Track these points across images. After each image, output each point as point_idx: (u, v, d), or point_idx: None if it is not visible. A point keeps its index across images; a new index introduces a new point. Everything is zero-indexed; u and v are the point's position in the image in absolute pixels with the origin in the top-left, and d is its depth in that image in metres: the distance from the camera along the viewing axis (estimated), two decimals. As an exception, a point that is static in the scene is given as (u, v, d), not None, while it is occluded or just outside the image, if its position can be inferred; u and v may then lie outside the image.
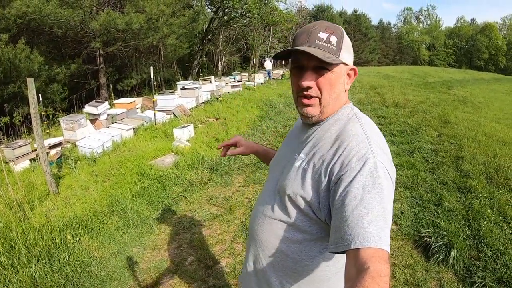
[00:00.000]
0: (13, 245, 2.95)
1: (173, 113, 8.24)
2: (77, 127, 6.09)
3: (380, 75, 19.38)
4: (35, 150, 5.33)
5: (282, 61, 28.58)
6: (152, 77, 7.76)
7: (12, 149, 5.17)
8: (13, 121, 8.85)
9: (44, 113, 8.11)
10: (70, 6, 10.42)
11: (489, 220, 3.33)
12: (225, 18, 19.12)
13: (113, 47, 12.98)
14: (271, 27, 23.66)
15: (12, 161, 5.20)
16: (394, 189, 0.91)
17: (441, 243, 2.89)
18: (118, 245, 3.25)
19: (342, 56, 0.95)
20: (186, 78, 17.20)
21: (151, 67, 7.72)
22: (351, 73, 1.02)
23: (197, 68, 19.96)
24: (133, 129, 6.96)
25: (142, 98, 10.06)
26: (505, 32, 59.23)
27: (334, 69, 0.95)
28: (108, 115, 7.37)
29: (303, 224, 0.99)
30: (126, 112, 7.69)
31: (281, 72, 19.32)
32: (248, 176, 4.77)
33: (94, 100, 7.83)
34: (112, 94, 12.16)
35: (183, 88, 9.69)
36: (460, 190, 4.08)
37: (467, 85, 16.44)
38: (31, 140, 5.76)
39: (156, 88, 13.83)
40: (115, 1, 13.40)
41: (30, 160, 5.43)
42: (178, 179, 4.60)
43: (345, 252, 0.79)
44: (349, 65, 1.00)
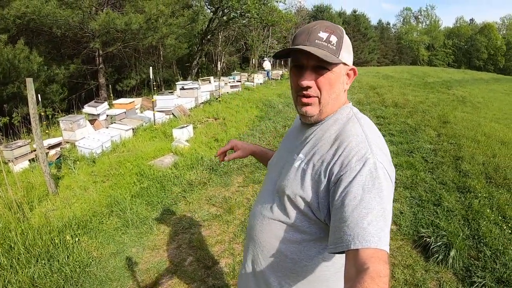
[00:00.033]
0: (12, 246, 2.95)
1: (173, 114, 8.24)
2: (76, 128, 6.09)
3: (379, 75, 19.38)
4: (34, 151, 5.33)
5: (282, 61, 28.61)
6: (151, 78, 7.76)
7: (11, 150, 5.16)
8: (12, 122, 8.81)
9: (43, 114, 8.10)
10: (69, 6, 10.40)
11: (489, 220, 3.34)
12: (225, 18, 19.10)
13: (112, 47, 12.97)
14: (270, 27, 23.64)
15: (11, 162, 5.19)
16: (394, 189, 0.91)
17: (441, 243, 2.89)
18: (117, 246, 3.25)
19: (342, 56, 0.95)
20: (186, 79, 17.19)
21: (150, 68, 7.72)
22: (351, 73, 1.02)
23: (197, 69, 19.94)
24: (132, 130, 6.95)
25: (142, 99, 10.05)
26: (504, 32, 59.29)
27: (334, 69, 0.95)
28: (107, 116, 7.37)
29: (302, 225, 0.99)
30: (126, 113, 7.68)
31: (280, 72, 19.30)
32: (247, 177, 4.77)
33: (93, 101, 7.82)
34: (111, 95, 12.14)
35: (183, 89, 9.69)
36: (460, 190, 4.08)
37: (466, 85, 16.45)
38: (30, 141, 5.75)
39: (156, 89, 13.82)
40: (114, 1, 13.39)
41: (29, 161, 5.43)
42: (178, 180, 4.60)
43: (345, 252, 0.79)
44: (349, 65, 1.00)
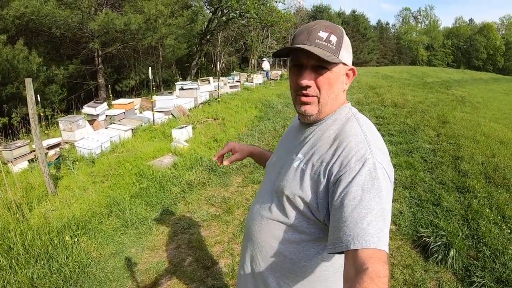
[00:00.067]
0: (12, 246, 2.94)
1: (172, 114, 8.24)
2: (76, 128, 6.08)
3: (379, 75, 19.37)
4: (34, 151, 5.33)
5: (281, 62, 28.65)
6: (151, 78, 7.75)
7: (11, 150, 5.16)
8: (12, 122, 8.82)
9: (43, 114, 8.10)
10: (69, 7, 10.40)
11: (488, 220, 3.33)
12: (224, 19, 19.11)
13: (112, 48, 12.97)
14: (270, 28, 23.67)
15: (11, 162, 5.19)
16: (393, 189, 0.91)
17: (440, 243, 2.89)
18: (117, 246, 3.24)
19: (342, 56, 0.95)
20: (185, 79, 17.19)
21: (150, 68, 7.73)
22: (350, 73, 1.02)
23: (196, 69, 19.94)
24: (132, 130, 6.95)
25: (141, 99, 10.07)
26: (503, 32, 59.42)
27: (334, 69, 0.95)
28: (107, 116, 7.37)
29: (301, 225, 0.99)
30: (125, 113, 7.68)
31: (280, 73, 19.32)
32: (247, 177, 4.76)
33: (93, 101, 7.82)
34: (111, 95, 12.14)
35: (182, 89, 9.69)
36: (459, 190, 4.08)
37: (466, 85, 16.46)
38: (30, 141, 5.75)
39: (155, 89, 13.78)
40: (114, 2, 13.38)
41: (29, 161, 5.42)
42: (177, 180, 4.59)
43: (344, 253, 0.78)
44: (348, 65, 1.00)
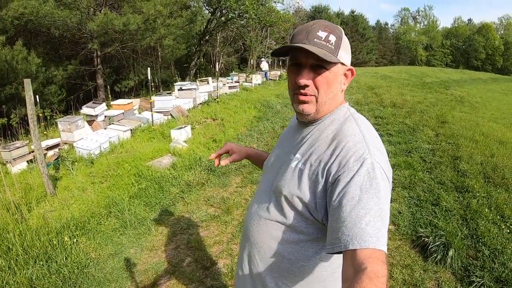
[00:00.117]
0: (11, 247, 2.94)
1: (171, 114, 8.23)
2: (75, 128, 6.08)
3: (378, 76, 19.40)
4: (33, 152, 5.32)
5: (280, 62, 28.65)
6: (150, 78, 7.75)
7: (10, 151, 5.15)
8: (11, 123, 8.81)
9: (42, 115, 8.09)
10: (67, 7, 10.41)
11: (487, 220, 3.34)
12: (223, 19, 19.11)
13: (111, 48, 12.98)
14: (269, 28, 23.69)
15: (10, 163, 5.18)
16: (391, 189, 0.90)
17: (439, 243, 2.89)
18: (116, 247, 3.24)
19: (340, 56, 0.95)
20: (184, 79, 17.19)
21: (148, 68, 7.73)
22: (348, 74, 1.02)
23: (195, 69, 19.94)
24: (131, 130, 6.94)
25: (140, 99, 10.06)
26: (502, 32, 59.53)
27: (332, 68, 0.94)
28: (106, 116, 7.36)
29: (299, 225, 0.99)
30: (124, 113, 7.68)
31: (279, 73, 19.31)
32: (246, 177, 4.76)
33: (92, 101, 7.81)
34: (110, 95, 12.15)
35: (181, 89, 9.68)
36: (458, 190, 4.09)
37: (465, 85, 16.49)
38: (29, 142, 5.74)
39: (154, 89, 13.80)
40: (113, 2, 13.39)
41: (28, 162, 5.41)
42: (176, 180, 4.59)
43: (342, 253, 0.78)
44: (347, 65, 1.00)
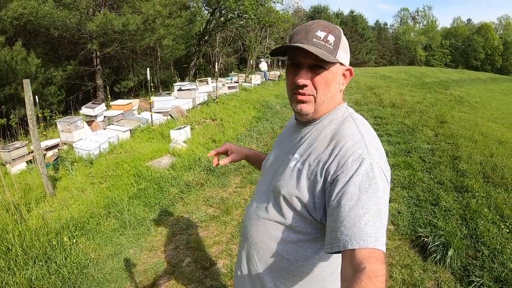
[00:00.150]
0: (10, 248, 2.94)
1: (170, 115, 8.23)
2: (74, 129, 6.08)
3: (377, 76, 19.40)
4: (32, 152, 5.31)
5: (279, 62, 28.65)
6: (149, 79, 7.75)
7: (9, 151, 5.15)
8: (10, 123, 8.82)
9: (41, 115, 8.09)
10: (67, 7, 10.42)
11: (486, 219, 3.34)
12: (222, 19, 19.13)
13: (110, 49, 12.98)
14: (268, 28, 23.70)
15: (9, 163, 5.17)
16: (390, 189, 0.90)
17: (438, 243, 2.89)
18: (115, 247, 3.24)
19: (339, 56, 0.95)
20: (183, 80, 17.20)
21: (148, 69, 7.73)
22: (347, 74, 1.02)
23: (194, 70, 19.95)
24: (130, 131, 6.94)
25: (139, 100, 10.05)
26: (501, 32, 59.58)
27: (331, 68, 0.94)
28: (105, 117, 7.36)
29: (298, 225, 0.98)
30: (123, 114, 7.67)
31: (278, 73, 19.29)
32: (245, 177, 4.76)
33: (91, 102, 7.81)
34: (109, 96, 12.15)
35: (180, 90, 9.69)
36: (457, 190, 4.09)
37: (464, 85, 16.47)
38: (28, 142, 5.73)
39: (153, 90, 13.81)
40: (112, 2, 13.39)
41: (27, 162, 5.41)
42: (175, 181, 4.59)
43: (341, 252, 0.78)
44: (345, 65, 1.00)
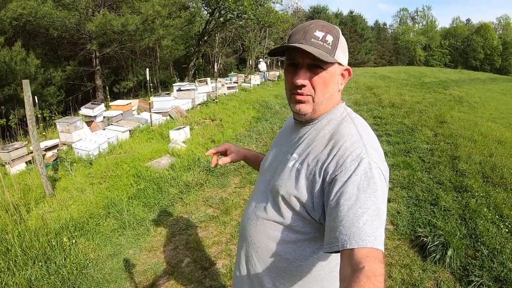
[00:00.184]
0: (9, 248, 2.94)
1: (169, 115, 8.23)
2: (73, 129, 6.07)
3: (376, 76, 19.42)
4: (31, 153, 5.31)
5: (278, 62, 28.65)
6: (148, 79, 7.75)
7: (8, 152, 5.14)
8: (9, 124, 8.82)
9: (40, 115, 8.09)
10: (66, 8, 10.41)
11: (486, 219, 3.34)
12: (221, 20, 19.13)
13: (109, 49, 12.98)
14: (267, 29, 23.69)
15: (8, 164, 5.17)
16: (390, 189, 0.91)
17: (438, 243, 2.89)
18: (114, 247, 3.24)
19: (337, 56, 0.95)
20: (182, 80, 17.21)
21: (147, 69, 7.73)
22: (345, 74, 1.02)
23: (193, 70, 19.94)
24: (129, 131, 6.94)
25: (138, 100, 10.05)
26: (501, 32, 59.61)
27: (329, 68, 0.94)
28: (104, 117, 7.36)
29: (297, 224, 0.98)
30: (122, 114, 7.67)
31: (277, 73, 19.29)
32: (244, 177, 4.76)
33: (90, 102, 7.81)
34: (108, 96, 12.15)
35: (179, 90, 9.69)
36: (457, 190, 4.09)
37: (463, 85, 16.49)
38: (27, 143, 5.73)
39: (152, 90, 13.82)
40: (111, 3, 13.39)
41: (26, 163, 5.41)
42: (174, 181, 4.59)
43: (340, 252, 0.78)
44: (344, 65, 1.00)
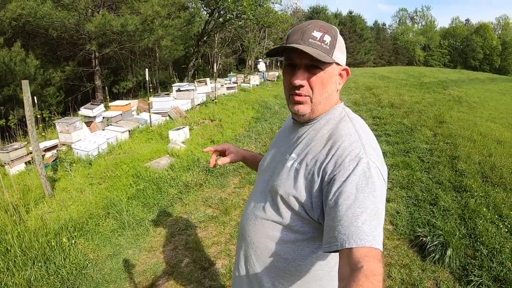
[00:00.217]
0: (9, 248, 2.94)
1: (169, 115, 8.23)
2: (73, 130, 6.07)
3: (376, 76, 19.40)
4: (31, 153, 5.31)
5: (278, 62, 28.65)
6: (148, 79, 7.75)
7: (8, 152, 5.14)
8: (9, 124, 8.81)
9: (40, 116, 8.08)
10: (65, 8, 10.40)
11: (485, 219, 3.34)
12: (221, 20, 19.12)
13: (109, 49, 12.97)
14: (267, 29, 23.67)
15: (8, 164, 5.17)
16: (389, 189, 0.91)
17: (437, 242, 2.90)
18: (114, 248, 3.24)
19: (335, 56, 0.95)
20: (182, 80, 17.20)
21: (146, 69, 7.73)
22: (344, 74, 1.02)
23: (193, 70, 19.94)
24: (129, 132, 6.94)
25: (138, 100, 10.04)
26: (500, 32, 59.63)
27: (327, 69, 0.95)
28: (104, 118, 7.36)
29: (296, 224, 0.99)
30: (122, 115, 7.67)
31: (277, 74, 19.28)
32: (244, 178, 4.76)
33: (90, 103, 7.81)
34: (108, 97, 12.15)
35: (179, 90, 9.69)
36: (456, 189, 4.09)
37: (462, 85, 16.48)
38: (27, 143, 5.73)
39: (152, 90, 13.81)
40: (110, 3, 13.39)
41: (26, 163, 5.41)
42: (174, 181, 4.59)
43: (339, 251, 0.78)
44: (342, 65, 1.00)
